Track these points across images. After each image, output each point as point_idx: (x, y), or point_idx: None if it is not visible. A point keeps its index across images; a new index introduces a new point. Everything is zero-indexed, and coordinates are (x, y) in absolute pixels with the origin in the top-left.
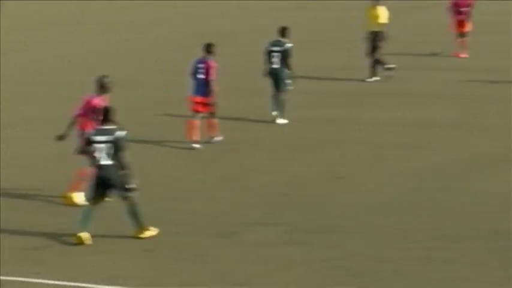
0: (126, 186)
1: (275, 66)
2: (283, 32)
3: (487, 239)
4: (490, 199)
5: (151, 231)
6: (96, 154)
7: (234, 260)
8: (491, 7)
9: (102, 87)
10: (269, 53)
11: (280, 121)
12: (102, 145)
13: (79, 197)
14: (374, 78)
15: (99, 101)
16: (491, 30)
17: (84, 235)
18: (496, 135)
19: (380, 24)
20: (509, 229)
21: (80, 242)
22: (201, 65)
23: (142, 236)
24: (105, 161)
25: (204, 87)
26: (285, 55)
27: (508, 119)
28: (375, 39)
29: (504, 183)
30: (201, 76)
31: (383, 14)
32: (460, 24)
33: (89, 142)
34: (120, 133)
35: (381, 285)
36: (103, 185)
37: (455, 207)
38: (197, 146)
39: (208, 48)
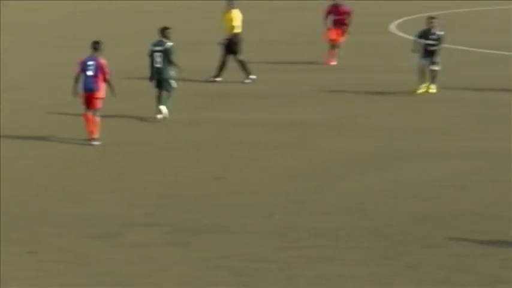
0: None
1: (158, 65)
2: (163, 32)
3: (365, 238)
4: (367, 198)
5: None
6: None
7: (115, 261)
8: (368, 7)
9: None
10: (152, 53)
11: (165, 111)
12: None
13: None
14: (251, 76)
15: None
16: (365, 31)
17: None
18: (370, 135)
19: (234, 27)
20: (386, 227)
21: None
22: (90, 63)
23: None
24: None
25: (93, 84)
26: (166, 54)
27: (381, 118)
28: (231, 42)
29: (380, 181)
30: (90, 73)
31: (236, 18)
32: (334, 33)
33: None
34: None
35: (262, 284)
36: None
37: (333, 206)
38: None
39: (95, 46)
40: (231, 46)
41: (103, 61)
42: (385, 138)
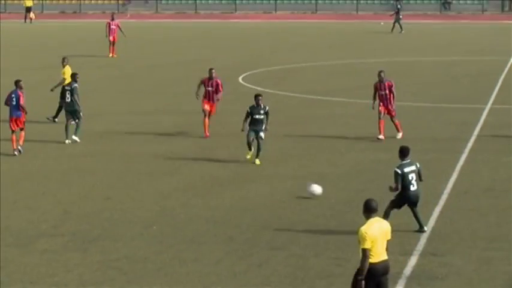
0: None
1: (68, 100)
2: (73, 76)
3: (222, 243)
4: (223, 211)
5: None
6: None
7: (29, 264)
8: (219, 62)
9: None
10: (64, 92)
11: (76, 138)
12: None
13: None
14: (56, 119)
15: None
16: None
17: None
18: (226, 162)
19: (65, 79)
20: (238, 234)
21: None
22: (13, 96)
23: None
24: None
25: (17, 111)
26: (73, 93)
27: (234, 149)
28: (65, 91)
29: (233, 198)
30: (14, 103)
31: (68, 72)
32: (209, 105)
33: None
34: None
35: (144, 280)
36: None
37: (197, 218)
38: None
39: (17, 84)
40: (62, 93)
41: (22, 94)
42: (237, 166)
